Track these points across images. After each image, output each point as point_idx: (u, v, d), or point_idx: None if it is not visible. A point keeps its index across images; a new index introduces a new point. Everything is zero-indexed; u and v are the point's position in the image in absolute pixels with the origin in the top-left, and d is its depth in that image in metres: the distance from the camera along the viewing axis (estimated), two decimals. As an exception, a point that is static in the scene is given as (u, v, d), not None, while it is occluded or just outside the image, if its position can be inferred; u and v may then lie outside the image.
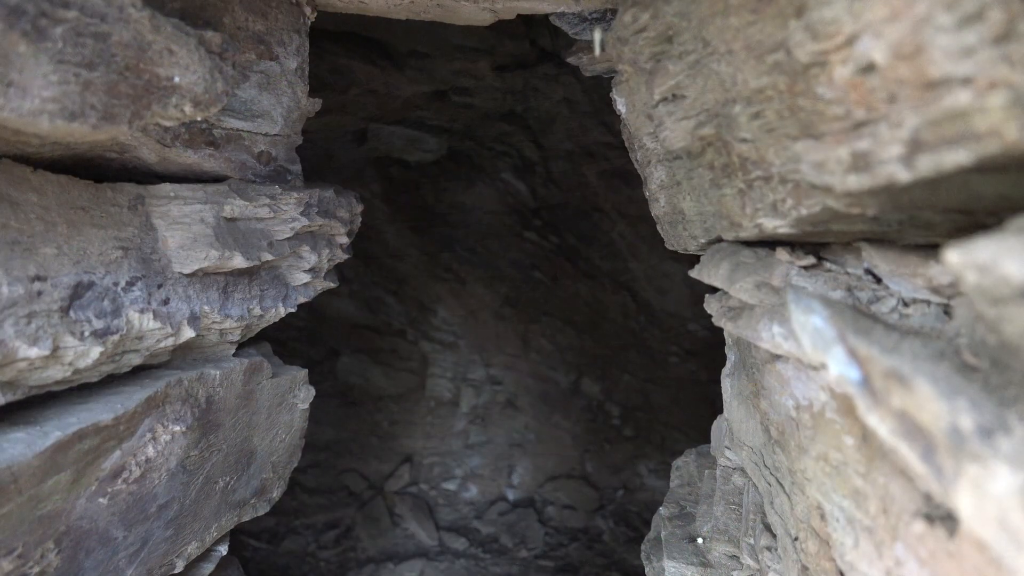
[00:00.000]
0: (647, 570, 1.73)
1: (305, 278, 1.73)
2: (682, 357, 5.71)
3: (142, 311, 1.17)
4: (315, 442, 5.57)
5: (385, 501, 5.36)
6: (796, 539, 1.09)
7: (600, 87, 4.95)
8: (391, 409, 5.81)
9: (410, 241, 5.65)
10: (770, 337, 0.91)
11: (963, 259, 0.45)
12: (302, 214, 1.59)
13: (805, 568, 1.04)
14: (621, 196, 5.25)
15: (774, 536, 1.28)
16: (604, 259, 5.52)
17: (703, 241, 1.31)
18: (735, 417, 1.50)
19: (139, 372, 1.29)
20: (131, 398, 1.17)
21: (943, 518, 0.59)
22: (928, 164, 0.54)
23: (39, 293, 1.00)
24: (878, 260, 0.87)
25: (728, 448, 1.59)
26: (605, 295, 5.62)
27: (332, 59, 4.06)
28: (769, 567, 1.23)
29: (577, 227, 5.54)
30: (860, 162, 0.61)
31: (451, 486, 5.63)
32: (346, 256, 1.89)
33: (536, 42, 4.96)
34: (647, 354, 5.71)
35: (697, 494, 1.67)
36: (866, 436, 0.76)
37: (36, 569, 1.01)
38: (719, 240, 1.24)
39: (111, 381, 1.22)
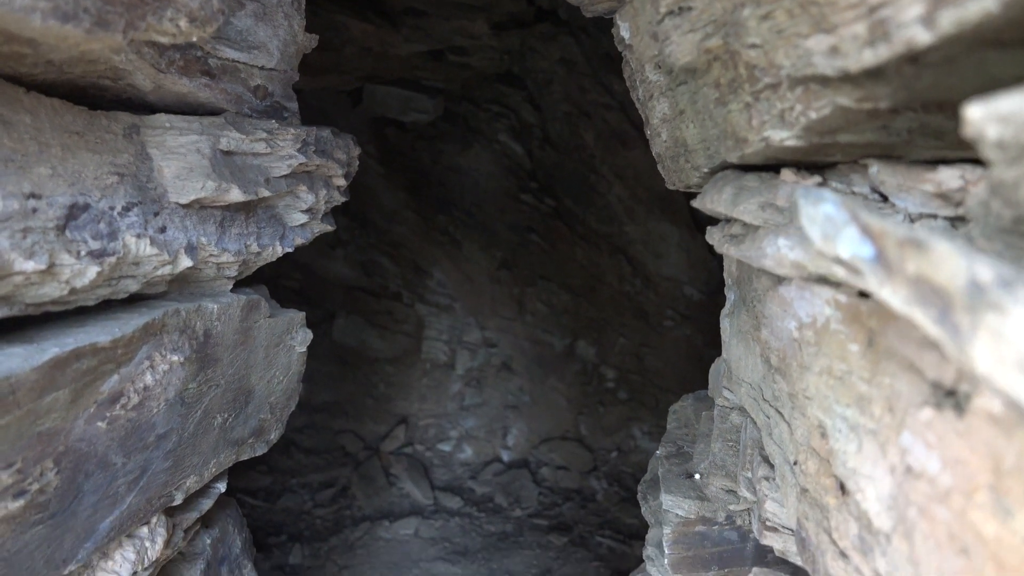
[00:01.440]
0: (643, 509, 1.74)
1: (302, 218, 1.72)
2: (677, 321, 5.72)
3: (139, 236, 1.16)
4: (311, 403, 5.59)
5: (381, 461, 5.39)
6: (795, 463, 1.09)
7: (598, 47, 4.90)
8: (386, 371, 5.83)
9: (406, 203, 5.62)
10: (775, 251, 0.91)
11: (985, 112, 0.44)
12: (299, 151, 1.57)
13: (804, 490, 1.04)
14: (618, 158, 5.22)
15: (772, 467, 1.29)
16: (600, 222, 5.50)
17: (706, 171, 1.30)
18: (733, 355, 1.50)
19: (136, 301, 1.28)
20: (128, 324, 1.16)
21: (953, 404, 0.59)
22: (950, 19, 0.53)
23: (34, 210, 0.99)
24: (885, 175, 0.87)
25: (726, 388, 1.59)
26: (601, 258, 5.61)
27: (327, 16, 4.01)
28: (767, 496, 1.24)
29: (573, 190, 5.52)
30: (877, 32, 0.60)
31: (446, 447, 5.66)
32: (343, 199, 1.88)
33: (534, 1, 4.90)
34: (642, 317, 5.72)
35: (694, 435, 1.68)
36: (871, 340, 0.75)
37: (36, 486, 1.01)
38: (723, 168, 1.23)
39: (108, 308, 1.21)
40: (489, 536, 4.87)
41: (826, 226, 0.60)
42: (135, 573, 1.34)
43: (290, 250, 1.69)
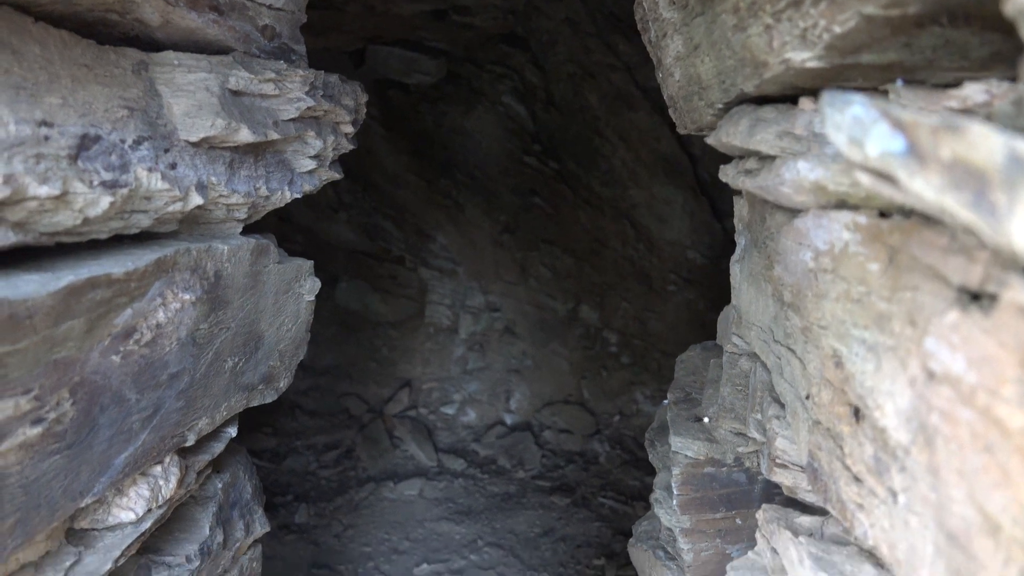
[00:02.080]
0: (650, 456, 1.75)
1: (310, 164, 1.71)
2: (680, 286, 5.72)
3: (150, 170, 1.15)
4: (315, 366, 5.61)
5: (384, 424, 5.43)
6: (807, 398, 1.10)
7: (603, 6, 4.83)
8: (390, 335, 5.84)
9: (409, 167, 5.59)
10: (794, 176, 0.90)
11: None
12: (307, 95, 1.56)
13: (816, 423, 1.05)
14: (623, 120, 5.18)
15: (782, 406, 1.30)
16: (604, 186, 5.48)
17: (720, 107, 1.29)
18: (744, 300, 1.50)
19: (148, 239, 1.28)
20: (141, 259, 1.16)
21: (979, 306, 0.59)
22: None
23: (46, 138, 0.98)
24: (907, 97, 0.86)
25: (735, 335, 1.59)
26: (605, 222, 5.60)
27: (329, -28, 3.96)
28: (777, 433, 1.25)
29: (577, 153, 5.49)
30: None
31: (449, 410, 5.70)
32: (351, 147, 1.87)
33: (539, -42, 4.83)
34: (645, 282, 5.72)
35: (702, 382, 1.69)
36: (892, 257, 0.75)
37: (52, 415, 1.01)
38: (739, 103, 1.22)
39: (120, 244, 1.21)
40: (492, 497, 4.91)
41: (854, 129, 0.59)
42: (149, 510, 1.36)
43: (299, 196, 1.68)
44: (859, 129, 0.58)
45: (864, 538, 0.89)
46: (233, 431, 1.69)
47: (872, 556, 1.00)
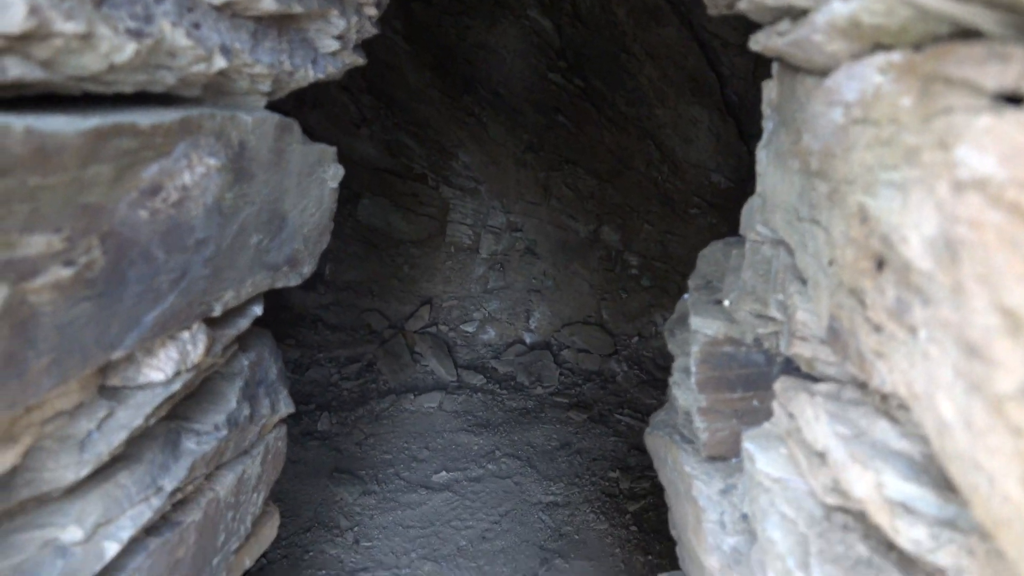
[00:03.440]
0: (669, 344, 1.76)
1: (334, 45, 1.69)
2: (703, 209, 5.67)
3: (174, 25, 1.15)
4: (336, 281, 5.67)
5: (405, 339, 5.50)
6: (830, 263, 1.09)
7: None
8: (411, 253, 5.87)
9: (431, 82, 5.52)
10: (827, 17, 0.88)
11: None
12: (331, -32, 1.53)
13: (839, 285, 1.05)
14: (650, 36, 5.06)
15: (803, 283, 1.29)
16: (630, 105, 5.39)
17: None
18: (769, 184, 1.48)
19: (172, 103, 1.28)
20: (166, 116, 1.16)
21: (1014, 108, 0.57)
22: None
23: (70, -21, 0.97)
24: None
25: (759, 223, 1.58)
26: (629, 142, 5.52)
27: None
28: (798, 308, 1.25)
29: (603, 70, 5.38)
30: None
31: (470, 328, 5.76)
32: (374, 32, 1.84)
33: None
34: (668, 204, 5.67)
35: (723, 271, 1.69)
36: (925, 87, 0.74)
37: (83, 259, 1.03)
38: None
39: (145, 102, 1.21)
40: (511, 411, 5.00)
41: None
42: (178, 373, 1.40)
43: (322, 76, 1.67)
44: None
45: (881, 386, 0.90)
46: (259, 309, 1.72)
47: (887, 414, 1.01)
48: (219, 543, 1.75)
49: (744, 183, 5.43)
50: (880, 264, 0.90)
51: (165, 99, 1.29)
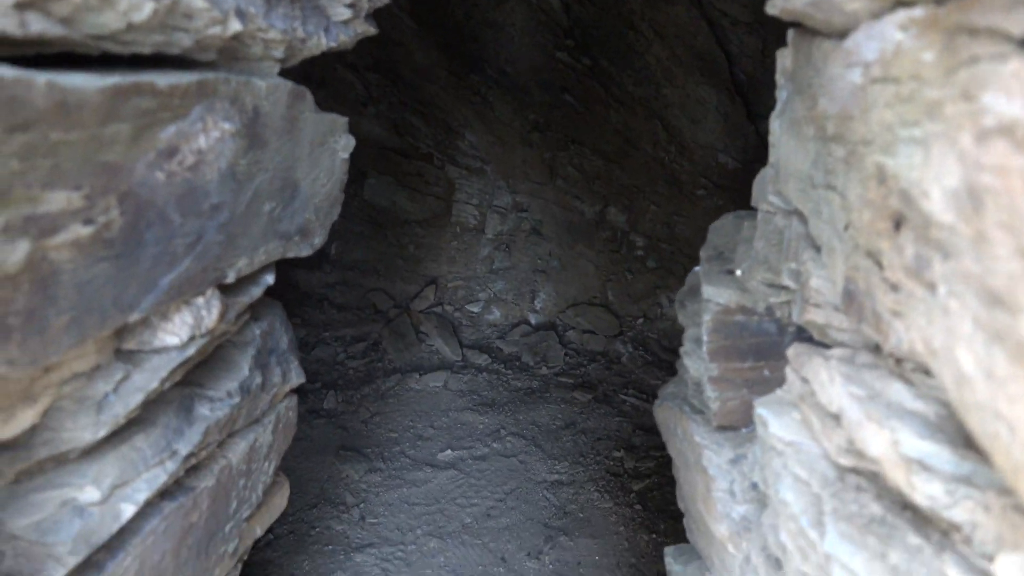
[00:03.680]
0: (679, 316, 1.77)
1: (346, 13, 1.68)
2: (710, 190, 5.65)
3: (190, -14, 1.15)
4: (342, 261, 5.68)
5: (411, 319, 5.51)
6: (846, 228, 1.09)
7: None
8: (417, 233, 5.87)
9: (438, 60, 5.50)
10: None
11: None
12: (344, -65, 1.53)
13: (855, 248, 1.05)
14: (659, 14, 5.03)
15: (817, 251, 1.30)
16: (637, 84, 5.36)
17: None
18: (783, 153, 1.48)
19: (188, 67, 1.28)
20: (183, 77, 1.17)
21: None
22: None
23: (89, -64, 0.97)
24: None
25: (771, 193, 1.58)
26: (636, 122, 5.50)
27: None
28: (812, 274, 1.25)
29: (611, 48, 5.35)
30: None
31: (475, 308, 5.76)
32: (385, 0, 1.84)
33: None
34: (675, 186, 5.66)
35: (735, 242, 1.69)
36: (948, 41, 0.73)
37: (102, 219, 1.04)
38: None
39: (161, 65, 1.21)
40: (516, 391, 5.02)
41: None
42: (193, 337, 1.41)
43: (334, 45, 1.67)
44: None
45: (898, 345, 0.91)
46: (271, 278, 1.73)
47: (901, 376, 1.01)
48: (231, 510, 1.77)
49: (751, 164, 5.41)
50: (898, 224, 0.90)
51: (181, 63, 1.29)
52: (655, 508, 4.02)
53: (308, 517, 3.84)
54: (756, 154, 5.36)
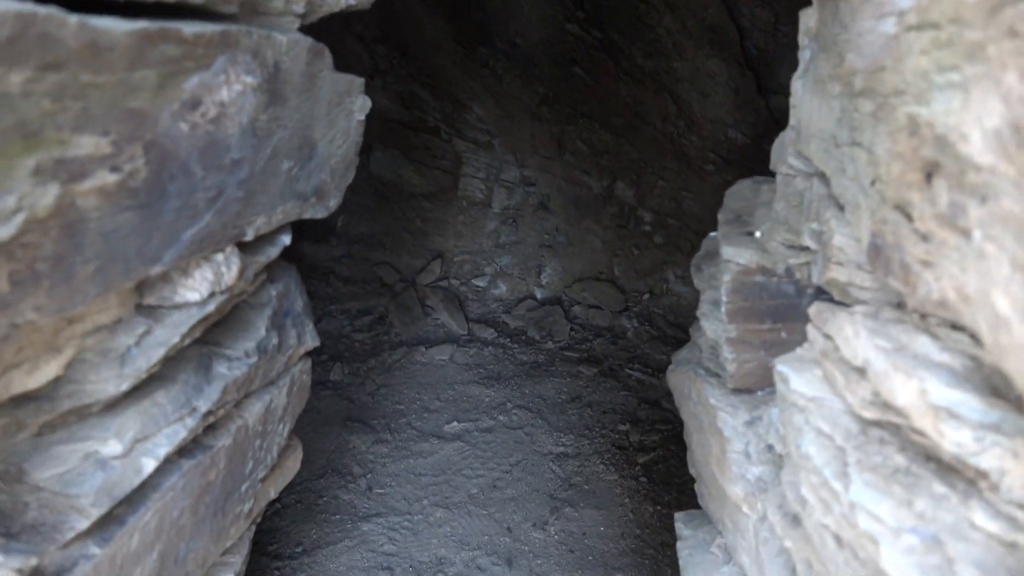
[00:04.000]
0: (695, 280, 1.77)
1: (364, -28, 1.67)
2: (719, 165, 5.63)
3: (214, -66, 1.14)
4: (348, 234, 5.67)
5: (416, 293, 5.51)
6: (873, 183, 1.09)
7: None
8: (423, 207, 5.85)
9: (446, 32, 5.46)
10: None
11: None
12: None
13: (882, 202, 1.04)
14: (670, -14, 4.99)
15: (840, 209, 1.29)
16: (647, 57, 5.32)
17: None
18: (805, 113, 1.47)
19: (210, 18, 1.27)
20: (207, 27, 1.16)
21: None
22: None
23: None
24: None
25: (792, 155, 1.57)
26: (645, 96, 5.47)
27: None
28: (835, 232, 1.25)
29: (621, 21, 5.31)
30: None
31: (481, 283, 5.76)
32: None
33: None
34: (684, 161, 5.64)
35: (753, 206, 1.68)
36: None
37: (128, 167, 1.04)
38: None
39: (185, 14, 1.20)
40: (521, 365, 5.03)
41: None
42: (212, 294, 1.41)
43: (353, 3, 1.66)
44: None
45: (927, 296, 0.91)
46: (287, 239, 1.73)
47: (927, 331, 1.01)
48: (247, 470, 1.78)
49: (761, 139, 5.38)
50: (929, 174, 0.90)
51: (203, 15, 1.28)
52: (660, 480, 4.04)
53: (315, 487, 3.87)
54: (766, 129, 5.33)
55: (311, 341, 1.95)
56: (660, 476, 4.08)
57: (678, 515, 2.02)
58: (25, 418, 1.17)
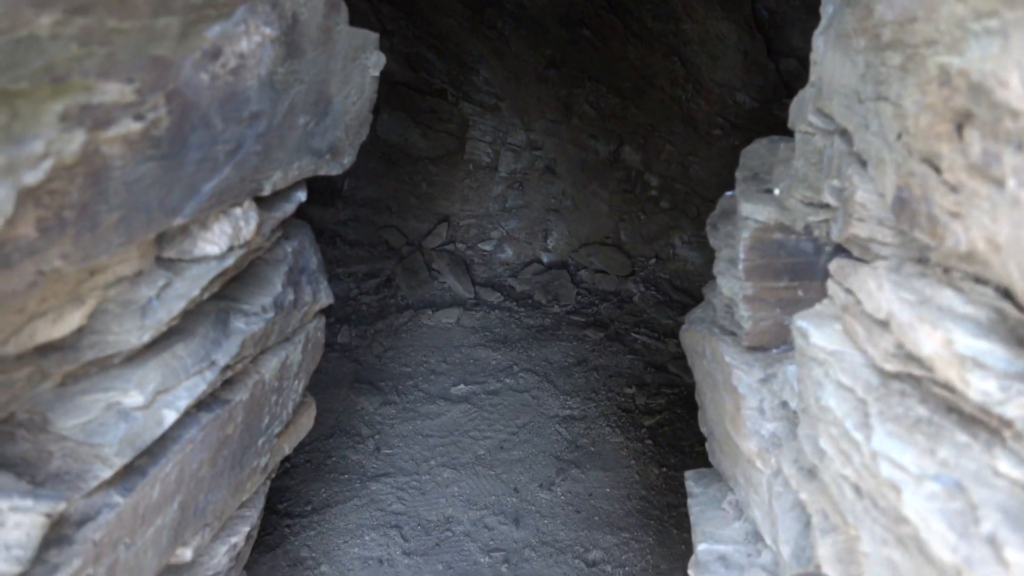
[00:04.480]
0: (711, 239, 1.77)
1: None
2: (727, 130, 5.59)
3: None
4: (355, 197, 5.66)
5: (423, 256, 5.51)
6: (899, 137, 1.08)
7: None
8: (429, 170, 5.83)
9: (453, -8, 5.39)
10: None
11: None
12: None
13: (909, 155, 1.04)
14: (681, -54, 4.91)
15: (863, 164, 1.29)
16: (656, 19, 5.26)
17: None
18: (827, 69, 1.46)
19: (227, -33, 1.26)
20: (226, -25, 1.15)
21: None
22: None
23: None
24: None
25: (812, 113, 1.56)
26: (653, 59, 5.41)
27: None
28: (857, 188, 1.24)
29: (631, -19, 5.24)
30: None
31: (487, 247, 5.76)
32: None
33: None
34: (691, 125, 5.60)
35: (771, 164, 1.68)
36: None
37: (151, 115, 1.03)
38: None
39: (203, -37, 1.19)
40: (528, 328, 5.05)
41: None
42: (231, 248, 1.41)
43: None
44: None
45: (955, 247, 0.91)
46: (303, 195, 1.73)
47: (950, 284, 1.01)
48: (263, 425, 1.80)
49: (769, 104, 5.33)
50: (960, 125, 0.89)
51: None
52: (665, 443, 4.08)
53: (324, 447, 3.90)
54: (775, 93, 5.28)
55: (325, 298, 1.95)
56: (666, 439, 4.11)
57: (688, 473, 2.04)
58: (49, 368, 1.18)
